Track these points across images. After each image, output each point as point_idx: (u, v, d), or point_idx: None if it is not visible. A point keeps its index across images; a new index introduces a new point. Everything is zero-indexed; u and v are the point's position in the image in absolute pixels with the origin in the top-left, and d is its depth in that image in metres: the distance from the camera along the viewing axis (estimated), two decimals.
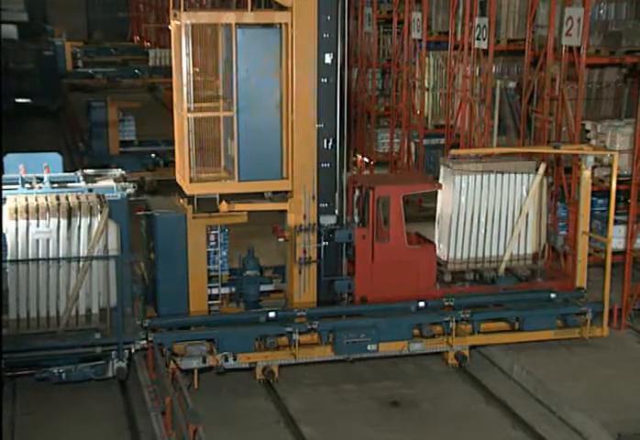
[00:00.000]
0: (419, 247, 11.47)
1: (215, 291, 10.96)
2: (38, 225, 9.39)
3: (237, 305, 11.30)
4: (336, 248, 11.02)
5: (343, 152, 10.84)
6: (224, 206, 10.65)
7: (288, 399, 10.24)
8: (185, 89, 10.29)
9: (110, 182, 10.40)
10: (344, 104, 10.71)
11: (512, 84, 15.33)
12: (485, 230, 11.76)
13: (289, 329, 10.34)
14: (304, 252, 10.83)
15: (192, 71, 10.29)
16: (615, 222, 11.47)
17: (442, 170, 11.96)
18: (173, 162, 19.43)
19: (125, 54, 41.92)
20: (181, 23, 10.23)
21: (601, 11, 13.22)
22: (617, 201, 11.57)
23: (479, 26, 14.73)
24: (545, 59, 13.45)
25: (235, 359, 10.23)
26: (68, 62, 34.48)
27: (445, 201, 11.92)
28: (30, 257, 9.42)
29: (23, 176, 10.17)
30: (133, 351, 9.93)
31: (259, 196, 11.12)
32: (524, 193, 11.74)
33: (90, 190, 10.09)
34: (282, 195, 10.94)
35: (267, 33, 10.39)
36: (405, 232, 11.30)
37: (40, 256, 9.43)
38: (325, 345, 10.57)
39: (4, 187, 9.80)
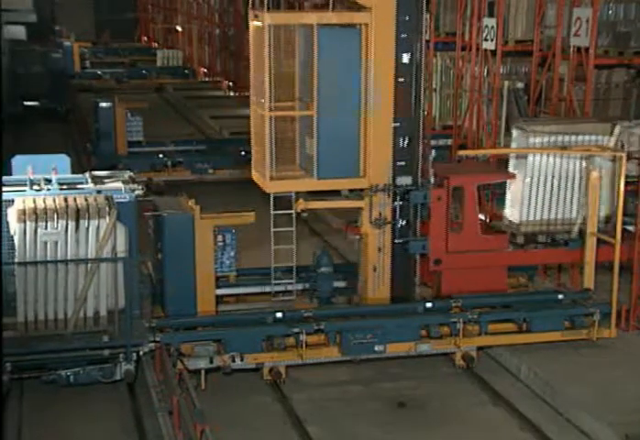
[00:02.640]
0: (492, 237, 11.45)
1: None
2: (46, 228, 9.39)
3: (309, 301, 11.44)
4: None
5: (418, 150, 10.96)
6: (301, 204, 10.79)
7: (295, 399, 10.25)
8: (267, 89, 10.39)
9: (118, 184, 10.42)
10: (419, 104, 10.85)
11: (520, 85, 15.31)
12: (558, 192, 11.65)
13: (296, 330, 10.35)
14: (380, 214, 10.87)
15: (273, 72, 10.43)
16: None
17: (515, 132, 11.90)
18: (181, 163, 19.84)
19: (133, 55, 42.03)
20: (263, 24, 10.32)
21: (610, 11, 13.20)
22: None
23: (486, 26, 14.71)
24: (553, 59, 13.43)
25: (242, 360, 10.25)
26: (76, 63, 34.59)
27: (517, 163, 11.84)
28: (38, 259, 9.42)
29: (31, 178, 10.18)
30: (141, 354, 9.94)
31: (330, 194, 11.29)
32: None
33: (98, 191, 10.10)
34: (357, 193, 11.06)
35: (348, 33, 10.55)
36: (479, 222, 11.35)
37: (48, 258, 9.44)
38: (333, 345, 10.58)
39: (12, 189, 9.83)
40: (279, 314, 10.58)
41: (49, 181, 10.19)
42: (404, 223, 11.03)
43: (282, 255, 14.56)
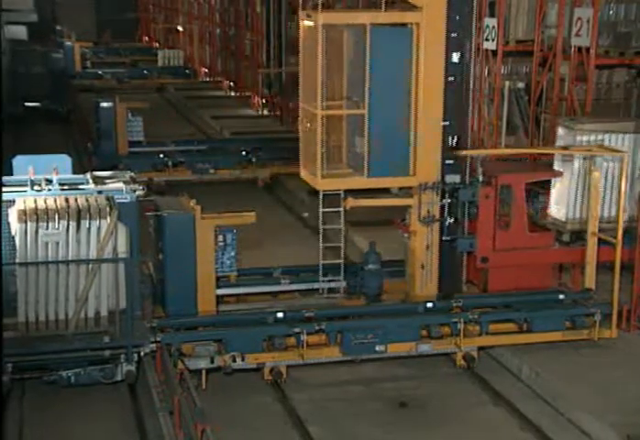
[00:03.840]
0: (539, 235, 11.50)
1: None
2: (47, 228, 9.39)
3: (357, 298, 11.55)
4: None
5: (467, 149, 11.08)
6: (350, 202, 10.86)
7: (295, 399, 10.25)
8: (319, 88, 10.47)
9: (119, 184, 10.41)
10: (468, 102, 10.96)
11: (520, 85, 15.31)
12: (604, 190, 11.64)
13: (297, 330, 10.35)
14: (428, 212, 10.97)
15: (325, 71, 10.53)
16: None
17: (561, 130, 11.94)
18: (182, 163, 19.84)
19: (133, 55, 42.06)
20: (316, 24, 10.42)
21: (611, 12, 13.21)
22: None
23: (487, 26, 14.72)
24: (553, 59, 13.44)
25: (243, 360, 10.25)
26: (77, 63, 34.59)
27: (563, 161, 11.88)
28: (39, 259, 9.41)
29: (32, 178, 10.18)
30: (142, 354, 9.93)
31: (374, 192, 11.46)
32: None
33: (99, 192, 10.10)
34: (407, 191, 11.18)
35: (399, 33, 10.67)
36: (526, 220, 11.41)
37: (49, 258, 9.43)
38: (333, 345, 10.58)
39: (13, 189, 9.83)
40: (280, 314, 10.58)
41: (49, 182, 10.19)
42: (452, 221, 11.10)
43: (282, 255, 14.60)
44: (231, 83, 34.61)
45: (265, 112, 29.42)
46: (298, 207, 18.44)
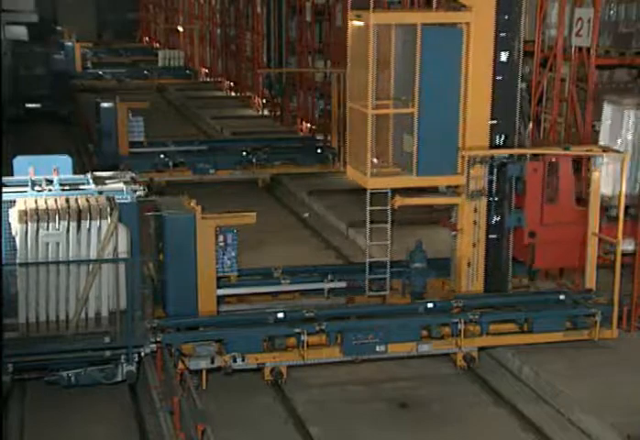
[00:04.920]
0: (587, 210, 11.49)
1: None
2: (47, 228, 9.38)
3: (402, 296, 11.67)
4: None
5: (514, 147, 11.18)
6: (398, 201, 10.97)
7: (296, 399, 10.25)
8: (371, 88, 10.57)
9: (120, 185, 10.42)
10: (516, 102, 11.05)
11: (522, 85, 15.28)
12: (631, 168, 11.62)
13: (297, 330, 10.36)
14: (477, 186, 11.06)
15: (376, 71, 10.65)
16: None
17: (607, 107, 11.95)
18: (182, 163, 19.84)
19: (134, 55, 42.10)
20: (367, 24, 10.50)
21: (611, 12, 13.20)
22: None
23: None
24: (554, 59, 13.43)
25: (243, 360, 10.26)
26: (77, 64, 34.61)
27: (611, 137, 11.86)
28: (40, 260, 9.40)
29: (32, 178, 10.18)
30: (143, 355, 9.93)
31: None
32: None
33: (100, 192, 10.11)
34: (454, 190, 11.27)
35: (450, 32, 10.79)
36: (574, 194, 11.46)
37: (50, 259, 9.43)
38: (334, 346, 10.58)
39: (13, 189, 9.83)
40: (280, 315, 10.58)
41: (50, 182, 10.19)
42: (499, 198, 11.16)
43: (283, 256, 14.60)
44: (231, 84, 34.64)
45: (265, 112, 29.43)
46: (298, 208, 18.45)
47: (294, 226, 17.21)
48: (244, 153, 20.15)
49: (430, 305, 10.99)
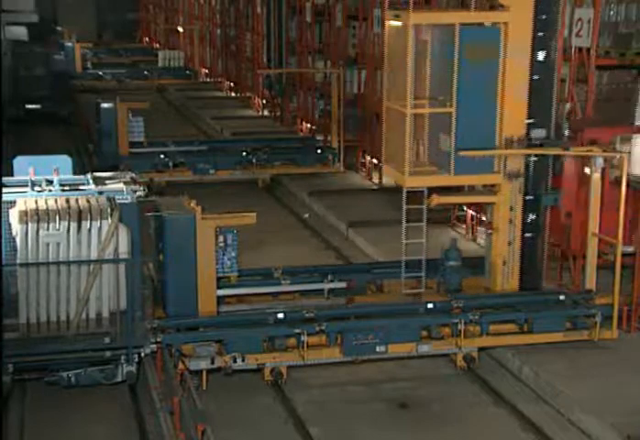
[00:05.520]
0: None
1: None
2: (48, 229, 9.38)
3: (437, 294, 11.73)
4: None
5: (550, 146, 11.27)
6: (435, 199, 11.06)
7: (296, 400, 10.25)
8: (409, 87, 10.67)
9: (120, 185, 10.42)
10: (552, 101, 11.14)
11: None
12: None
13: (297, 330, 10.36)
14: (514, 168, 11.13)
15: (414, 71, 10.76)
16: None
17: None
18: (182, 163, 19.85)
19: (134, 55, 42.09)
20: (405, 23, 10.62)
21: (611, 12, 13.20)
22: None
23: None
24: None
25: (243, 360, 10.26)
26: (77, 64, 34.61)
27: None
28: (40, 260, 9.39)
29: (32, 179, 10.17)
30: (143, 355, 9.93)
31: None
32: None
33: (100, 192, 10.10)
34: (490, 188, 11.35)
35: (488, 32, 10.90)
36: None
37: (50, 259, 9.42)
38: (334, 346, 10.58)
39: (13, 190, 9.83)
40: (280, 315, 10.58)
41: (50, 183, 10.19)
42: (536, 179, 11.20)
43: (283, 256, 14.60)
44: (231, 84, 34.63)
45: (265, 112, 29.44)
46: (298, 208, 18.45)
47: (294, 227, 17.21)
48: (244, 153, 20.16)
49: (430, 306, 10.99)
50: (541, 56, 10.96)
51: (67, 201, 9.66)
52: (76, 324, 9.56)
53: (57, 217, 9.39)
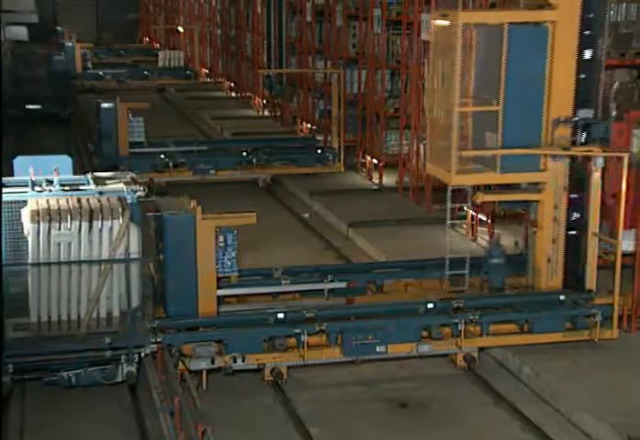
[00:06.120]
0: None
1: None
2: (59, 228, 9.38)
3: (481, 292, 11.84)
4: None
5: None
6: (480, 197, 11.18)
7: (296, 400, 10.25)
8: (457, 86, 10.73)
9: (120, 185, 10.41)
10: (598, 99, 11.20)
11: None
12: None
13: (297, 330, 10.36)
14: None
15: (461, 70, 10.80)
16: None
17: None
18: (182, 163, 19.85)
19: (134, 55, 42.09)
20: (454, 23, 10.67)
21: (612, 12, 13.19)
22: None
23: None
24: None
25: (243, 360, 10.26)
26: (78, 64, 34.61)
27: None
28: (52, 260, 9.40)
29: (32, 179, 10.17)
30: (143, 355, 9.94)
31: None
32: None
33: (100, 192, 10.11)
34: (535, 186, 11.39)
35: (536, 31, 10.94)
36: None
37: (62, 259, 9.42)
38: (334, 346, 10.58)
39: (13, 190, 9.83)
40: (280, 315, 10.58)
41: (50, 183, 10.18)
42: (582, 159, 11.20)
43: (283, 256, 14.59)
44: (232, 84, 34.64)
45: (266, 112, 29.44)
46: (299, 208, 18.45)
47: (294, 227, 17.21)
48: (244, 153, 20.15)
49: (430, 306, 10.99)
50: (588, 54, 10.99)
51: (79, 200, 9.67)
52: (87, 323, 9.55)
53: (68, 217, 9.39)
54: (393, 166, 19.38)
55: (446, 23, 10.95)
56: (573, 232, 11.38)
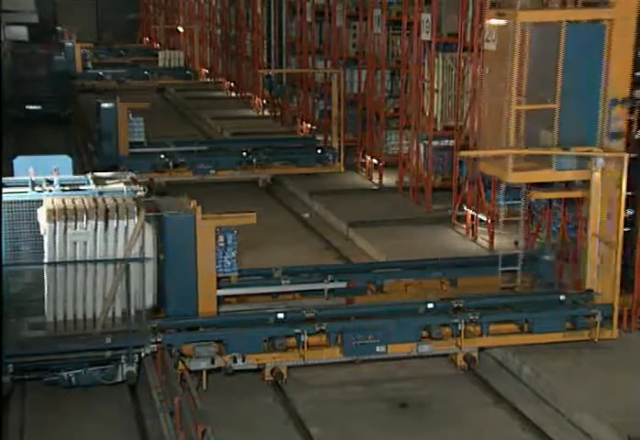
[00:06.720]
0: None
1: None
2: (75, 227, 9.41)
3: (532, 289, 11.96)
4: None
5: None
6: (534, 194, 11.33)
7: (296, 400, 10.25)
8: (515, 84, 10.80)
9: (120, 185, 10.42)
10: None
11: None
12: None
13: (297, 330, 10.36)
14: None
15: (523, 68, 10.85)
16: None
17: None
18: (182, 163, 19.85)
19: (134, 55, 42.10)
20: (512, 22, 10.73)
21: None
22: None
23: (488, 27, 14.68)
24: None
25: (243, 360, 10.26)
26: (78, 64, 34.61)
27: None
28: (68, 259, 9.44)
29: (33, 179, 10.18)
30: (143, 355, 9.94)
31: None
32: None
33: (100, 192, 10.11)
34: (581, 184, 11.44)
35: (594, 29, 10.97)
36: None
37: (77, 258, 9.46)
38: (334, 346, 10.58)
39: (14, 190, 9.84)
40: (280, 315, 10.58)
41: (50, 183, 10.20)
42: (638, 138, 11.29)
43: (283, 256, 14.60)
44: (232, 84, 34.64)
45: (266, 112, 29.44)
46: (299, 208, 18.46)
47: (294, 227, 17.22)
48: (244, 153, 20.15)
49: (430, 306, 10.99)
50: None
51: (94, 200, 9.70)
52: (102, 322, 9.57)
53: (84, 216, 9.41)
54: (393, 166, 19.38)
55: (502, 22, 11.02)
56: (626, 229, 11.33)
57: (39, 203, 9.79)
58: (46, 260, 9.45)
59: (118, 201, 9.69)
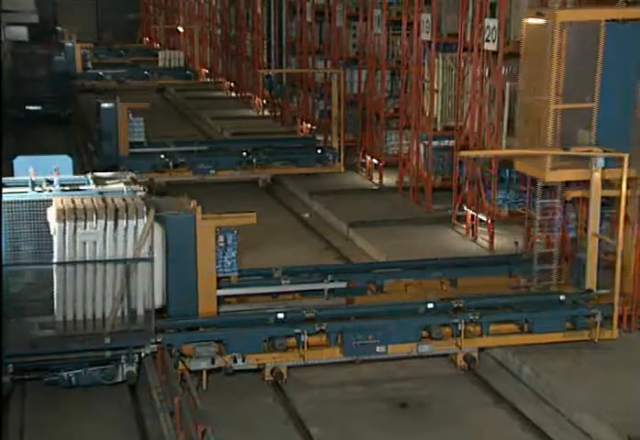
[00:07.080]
0: None
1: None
2: (85, 227, 9.41)
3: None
4: None
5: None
6: (570, 193, 11.43)
7: (296, 400, 10.25)
8: (553, 84, 10.88)
9: (120, 185, 10.42)
10: None
11: None
12: None
13: (297, 330, 10.36)
14: None
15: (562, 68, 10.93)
16: None
17: None
18: (182, 163, 19.85)
19: (134, 55, 42.10)
20: (551, 22, 10.78)
21: None
22: None
23: (488, 27, 14.71)
24: None
25: (243, 360, 10.26)
26: (78, 64, 34.61)
27: None
28: (77, 259, 9.45)
29: (33, 179, 10.18)
30: (143, 355, 9.94)
31: None
32: None
33: (100, 192, 10.11)
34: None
35: (632, 28, 11.04)
36: None
37: (87, 258, 9.47)
38: (334, 346, 10.58)
39: (14, 190, 9.84)
40: (280, 315, 10.59)
41: (50, 183, 10.20)
42: None
43: (283, 256, 14.60)
44: (232, 84, 34.64)
45: (266, 112, 29.45)
46: (299, 208, 18.46)
47: (294, 227, 17.22)
48: (244, 153, 20.16)
49: (430, 306, 10.99)
50: None
51: (104, 200, 9.71)
52: (112, 322, 9.58)
53: (94, 216, 9.42)
54: (393, 166, 19.39)
55: (541, 22, 11.03)
56: None
57: (40, 203, 9.78)
58: (55, 260, 9.47)
59: (128, 201, 9.70)
